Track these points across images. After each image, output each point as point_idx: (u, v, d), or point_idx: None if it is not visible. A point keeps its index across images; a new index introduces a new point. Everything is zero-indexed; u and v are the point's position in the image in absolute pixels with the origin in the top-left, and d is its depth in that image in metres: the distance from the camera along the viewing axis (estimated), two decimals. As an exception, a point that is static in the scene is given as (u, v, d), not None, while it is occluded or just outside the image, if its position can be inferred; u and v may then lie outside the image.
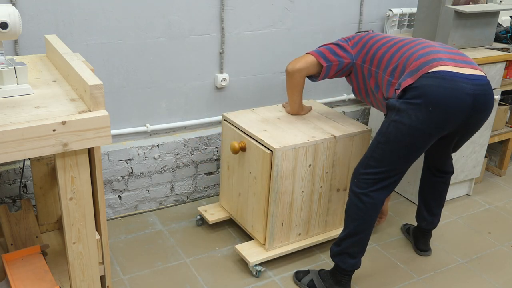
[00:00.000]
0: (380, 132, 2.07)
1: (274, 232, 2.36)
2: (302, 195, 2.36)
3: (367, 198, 2.08)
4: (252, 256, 2.35)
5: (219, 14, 2.66)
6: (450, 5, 2.76)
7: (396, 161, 2.05)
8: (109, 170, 2.62)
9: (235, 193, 2.53)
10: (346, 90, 3.27)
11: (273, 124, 2.43)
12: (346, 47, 2.33)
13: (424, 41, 2.16)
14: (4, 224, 2.10)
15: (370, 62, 2.24)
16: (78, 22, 2.34)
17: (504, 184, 3.37)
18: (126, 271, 2.35)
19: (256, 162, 2.31)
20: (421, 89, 1.93)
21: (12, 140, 1.36)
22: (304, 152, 2.27)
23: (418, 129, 1.96)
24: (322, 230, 2.54)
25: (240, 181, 2.47)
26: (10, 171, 2.40)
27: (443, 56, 2.00)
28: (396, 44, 2.19)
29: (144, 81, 2.60)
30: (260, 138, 2.27)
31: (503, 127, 3.30)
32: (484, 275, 2.47)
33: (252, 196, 2.39)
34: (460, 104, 1.95)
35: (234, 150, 2.34)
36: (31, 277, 1.83)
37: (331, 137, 2.33)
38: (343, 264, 2.17)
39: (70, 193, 1.53)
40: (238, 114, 2.53)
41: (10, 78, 1.59)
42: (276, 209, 2.31)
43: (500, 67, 2.89)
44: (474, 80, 1.96)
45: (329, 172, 2.41)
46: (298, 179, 2.31)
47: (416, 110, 1.94)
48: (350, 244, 2.15)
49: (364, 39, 2.32)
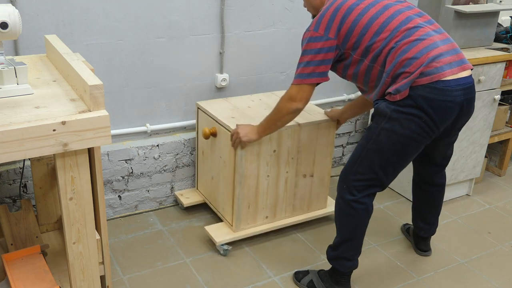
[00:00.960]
0: (369, 138, 2.02)
1: (241, 214, 2.46)
2: (268, 179, 2.45)
3: (359, 205, 2.07)
4: (219, 236, 2.47)
5: (219, 14, 2.66)
6: (450, 5, 2.76)
7: (387, 168, 2.03)
8: (109, 170, 2.62)
9: (209, 177, 2.64)
10: (346, 90, 3.27)
11: (242, 112, 2.53)
12: (318, 34, 2.01)
13: (414, 21, 1.95)
14: (4, 224, 2.10)
15: (353, 48, 2.00)
16: (78, 22, 2.34)
17: (504, 184, 3.37)
18: (126, 271, 2.35)
19: (225, 147, 2.40)
20: (417, 100, 1.88)
21: (12, 140, 1.36)
22: (268, 138, 2.35)
23: (409, 138, 1.94)
24: (289, 214, 2.63)
25: (212, 165, 2.58)
26: (10, 171, 2.40)
27: (441, 58, 1.89)
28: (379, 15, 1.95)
29: (144, 81, 2.60)
30: (226, 124, 2.37)
31: (503, 127, 3.30)
32: (484, 275, 2.47)
33: (223, 179, 2.49)
34: (451, 113, 1.94)
35: (205, 135, 2.48)
36: (31, 277, 1.83)
37: (295, 124, 2.40)
38: (341, 267, 2.18)
39: (70, 193, 1.53)
40: (211, 102, 2.66)
41: (10, 78, 1.59)
42: (242, 191, 2.40)
43: (500, 67, 2.89)
44: (464, 85, 1.92)
45: (295, 158, 2.48)
46: (263, 163, 2.39)
47: (409, 120, 1.91)
48: (345, 249, 2.15)
49: (337, 17, 1.98)
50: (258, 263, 2.45)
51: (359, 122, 3.37)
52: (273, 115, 2.18)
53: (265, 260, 2.47)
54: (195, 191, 2.86)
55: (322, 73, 2.03)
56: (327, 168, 2.62)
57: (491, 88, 2.90)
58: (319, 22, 2.01)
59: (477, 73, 2.77)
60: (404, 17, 1.95)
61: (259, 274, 2.37)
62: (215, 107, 2.57)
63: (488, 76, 2.84)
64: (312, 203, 2.67)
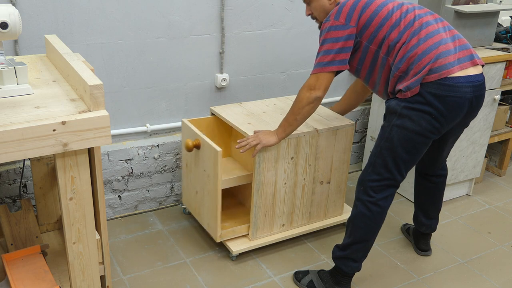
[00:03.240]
0: (382, 137, 2.06)
1: (258, 223, 2.41)
2: (285, 187, 2.41)
3: (375, 207, 2.08)
4: (236, 246, 2.42)
5: (219, 14, 2.66)
6: (450, 5, 2.76)
7: (400, 166, 2.05)
8: (109, 170, 2.62)
9: (193, 191, 2.58)
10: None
11: (258, 118, 2.49)
12: (339, 23, 2.04)
13: (424, 19, 2.01)
14: (4, 224, 2.10)
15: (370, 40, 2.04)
16: (78, 22, 2.34)
17: (504, 184, 3.37)
18: (126, 271, 2.35)
19: (209, 160, 2.34)
20: (427, 97, 1.93)
21: (12, 140, 1.36)
22: (286, 144, 2.31)
23: (420, 134, 1.98)
24: (306, 221, 2.59)
25: (196, 179, 2.51)
26: (10, 171, 2.40)
27: (450, 55, 1.93)
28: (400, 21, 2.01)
29: (144, 81, 2.60)
30: (243, 130, 2.34)
31: (503, 127, 3.30)
32: (484, 275, 2.46)
33: (207, 194, 2.42)
34: (461, 109, 1.97)
35: (187, 148, 2.39)
36: (31, 277, 1.83)
37: (313, 131, 2.37)
38: (346, 268, 2.18)
39: (70, 193, 1.53)
40: (225, 107, 2.62)
41: (10, 78, 1.59)
42: (259, 200, 2.36)
43: (500, 67, 2.89)
44: (474, 82, 1.96)
45: (312, 165, 2.45)
46: (281, 170, 2.35)
47: (419, 116, 1.95)
48: (355, 250, 2.15)
49: (358, 7, 2.04)
50: (258, 263, 2.45)
51: (359, 122, 3.37)
52: (293, 109, 2.16)
53: (265, 260, 2.47)
54: None
55: (342, 61, 2.05)
56: (344, 174, 2.59)
57: (491, 88, 2.91)
58: (339, 12, 2.05)
59: (477, 73, 2.77)
60: (416, 13, 2.02)
61: (259, 274, 2.37)
62: (229, 113, 2.53)
63: (488, 76, 2.84)
64: (329, 210, 2.64)
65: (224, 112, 2.54)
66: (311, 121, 2.46)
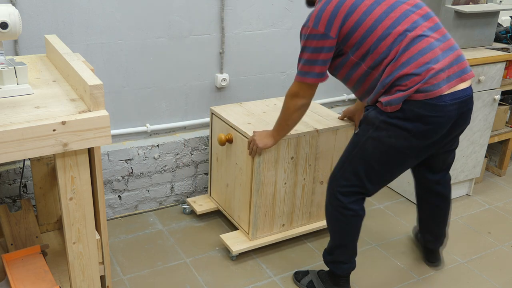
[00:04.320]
0: (356, 145, 1.98)
1: (257, 222, 2.42)
2: (285, 186, 2.41)
3: (348, 211, 2.03)
4: (236, 245, 2.42)
5: (219, 14, 2.66)
6: (450, 5, 2.76)
7: (371, 176, 1.98)
8: (109, 170, 2.62)
9: (223, 184, 2.60)
10: (346, 90, 3.26)
11: (258, 117, 2.49)
12: (317, 32, 1.90)
13: (418, 30, 1.83)
14: (4, 224, 2.10)
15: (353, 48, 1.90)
16: (78, 22, 2.34)
17: (504, 184, 3.37)
18: (126, 271, 2.35)
19: (241, 154, 2.36)
20: (408, 114, 1.82)
21: (12, 140, 1.36)
22: (286, 145, 2.31)
23: (396, 149, 1.91)
24: (306, 221, 2.59)
25: (227, 172, 2.54)
26: (10, 171, 2.40)
27: (440, 73, 1.81)
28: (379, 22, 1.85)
29: (144, 81, 2.60)
30: (243, 130, 2.32)
31: (503, 127, 3.29)
32: (484, 275, 2.46)
33: (239, 186, 2.45)
34: (441, 128, 1.88)
35: (221, 142, 2.42)
36: (31, 277, 1.83)
37: (313, 131, 2.37)
38: (338, 270, 2.18)
39: (70, 193, 1.53)
40: (225, 107, 2.61)
41: (10, 78, 1.59)
42: (259, 199, 2.36)
43: (500, 67, 2.89)
44: (460, 98, 1.86)
45: (312, 164, 2.45)
46: (281, 170, 2.36)
47: (397, 132, 1.86)
48: (340, 253, 2.15)
49: (339, 14, 1.86)
50: (258, 263, 2.45)
51: (359, 122, 3.37)
52: (282, 115, 2.13)
53: (265, 260, 2.47)
54: (208, 198, 2.80)
55: (320, 74, 1.95)
56: None
57: (491, 88, 2.90)
58: (318, 17, 1.88)
59: (477, 73, 2.77)
60: (410, 22, 1.83)
61: (259, 274, 2.37)
62: (229, 113, 2.53)
63: (488, 76, 2.84)
64: None
65: (224, 112, 2.54)
66: (311, 121, 2.46)
